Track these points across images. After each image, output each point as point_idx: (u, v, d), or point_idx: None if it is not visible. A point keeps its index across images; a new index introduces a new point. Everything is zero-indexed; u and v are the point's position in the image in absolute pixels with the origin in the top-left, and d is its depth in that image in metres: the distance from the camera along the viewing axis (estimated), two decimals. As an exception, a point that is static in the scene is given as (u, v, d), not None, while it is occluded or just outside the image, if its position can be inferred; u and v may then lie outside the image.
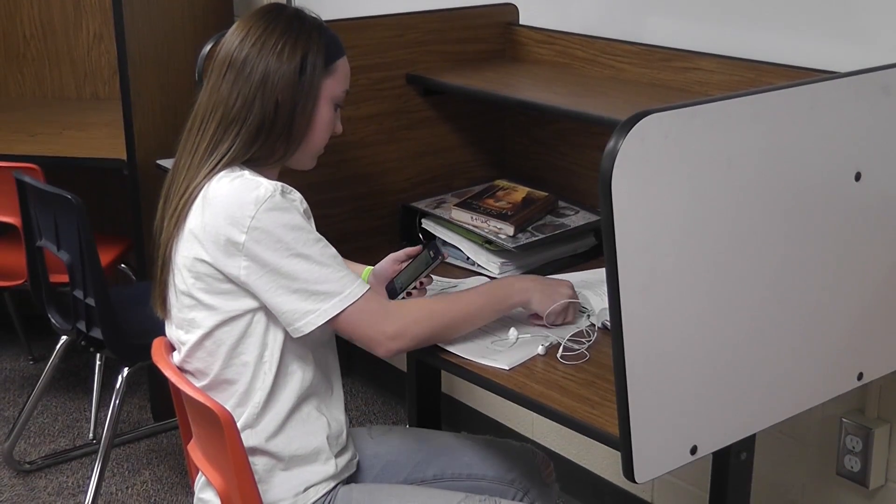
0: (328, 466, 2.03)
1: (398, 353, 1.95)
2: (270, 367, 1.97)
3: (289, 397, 1.99)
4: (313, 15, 2.03)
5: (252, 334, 1.95)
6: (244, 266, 1.89)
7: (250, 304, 1.93)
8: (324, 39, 1.99)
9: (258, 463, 1.99)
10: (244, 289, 1.92)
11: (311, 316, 1.89)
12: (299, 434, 2.00)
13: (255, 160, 1.97)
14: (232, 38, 1.99)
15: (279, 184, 1.91)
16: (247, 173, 1.94)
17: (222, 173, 1.94)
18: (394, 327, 1.92)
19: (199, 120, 1.98)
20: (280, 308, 1.90)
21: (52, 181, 3.07)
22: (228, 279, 1.92)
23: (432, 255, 2.13)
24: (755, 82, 2.25)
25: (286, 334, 1.94)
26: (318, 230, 1.95)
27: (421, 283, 2.13)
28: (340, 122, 2.07)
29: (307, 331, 1.91)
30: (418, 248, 2.21)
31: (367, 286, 1.93)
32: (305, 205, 1.94)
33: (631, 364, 1.60)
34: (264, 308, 1.93)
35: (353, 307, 1.90)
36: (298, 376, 1.99)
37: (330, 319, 1.90)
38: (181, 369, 2.04)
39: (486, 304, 2.03)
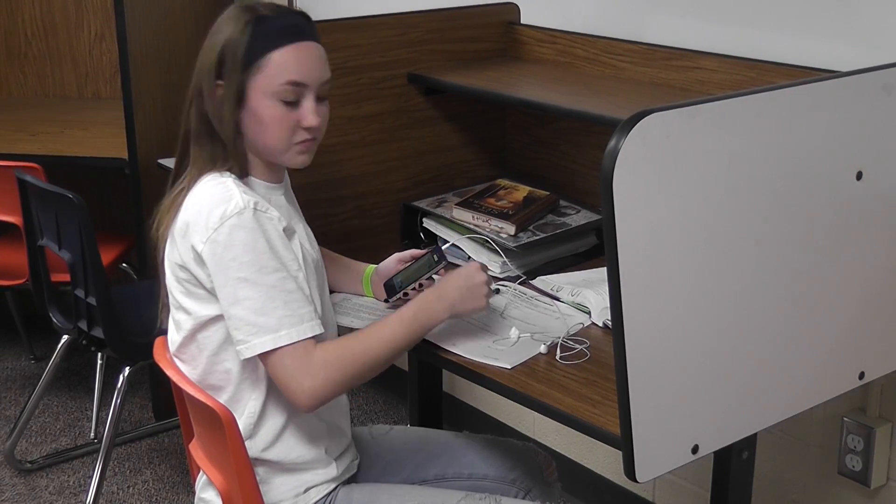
0: (329, 469, 2.02)
1: (317, 407, 1.88)
2: (260, 378, 1.94)
3: (286, 406, 1.96)
4: (262, 4, 1.93)
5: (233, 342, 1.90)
6: (209, 274, 1.87)
7: (219, 310, 1.89)
8: (247, 36, 1.87)
9: (258, 468, 1.98)
10: (214, 294, 1.89)
11: (241, 346, 1.85)
12: (299, 442, 1.99)
13: (229, 169, 1.92)
14: None
15: (254, 200, 1.85)
16: (229, 181, 1.89)
17: (209, 176, 1.91)
18: (312, 382, 1.84)
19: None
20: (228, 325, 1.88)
21: (53, 180, 3.07)
22: (201, 284, 1.89)
23: (436, 259, 2.13)
24: (756, 81, 2.25)
25: None
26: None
27: (420, 286, 2.13)
28: (314, 114, 1.91)
29: (242, 358, 1.87)
30: (424, 251, 2.21)
31: (308, 333, 1.85)
32: (284, 223, 1.89)
33: (632, 363, 1.59)
34: None
35: (282, 350, 1.84)
36: None
37: (259, 355, 1.85)
38: (177, 367, 2.04)
39: (410, 335, 1.93)
